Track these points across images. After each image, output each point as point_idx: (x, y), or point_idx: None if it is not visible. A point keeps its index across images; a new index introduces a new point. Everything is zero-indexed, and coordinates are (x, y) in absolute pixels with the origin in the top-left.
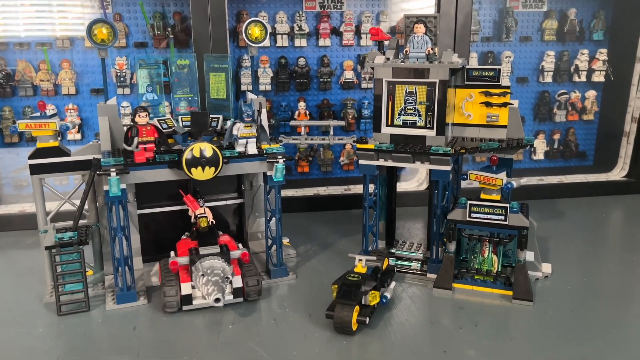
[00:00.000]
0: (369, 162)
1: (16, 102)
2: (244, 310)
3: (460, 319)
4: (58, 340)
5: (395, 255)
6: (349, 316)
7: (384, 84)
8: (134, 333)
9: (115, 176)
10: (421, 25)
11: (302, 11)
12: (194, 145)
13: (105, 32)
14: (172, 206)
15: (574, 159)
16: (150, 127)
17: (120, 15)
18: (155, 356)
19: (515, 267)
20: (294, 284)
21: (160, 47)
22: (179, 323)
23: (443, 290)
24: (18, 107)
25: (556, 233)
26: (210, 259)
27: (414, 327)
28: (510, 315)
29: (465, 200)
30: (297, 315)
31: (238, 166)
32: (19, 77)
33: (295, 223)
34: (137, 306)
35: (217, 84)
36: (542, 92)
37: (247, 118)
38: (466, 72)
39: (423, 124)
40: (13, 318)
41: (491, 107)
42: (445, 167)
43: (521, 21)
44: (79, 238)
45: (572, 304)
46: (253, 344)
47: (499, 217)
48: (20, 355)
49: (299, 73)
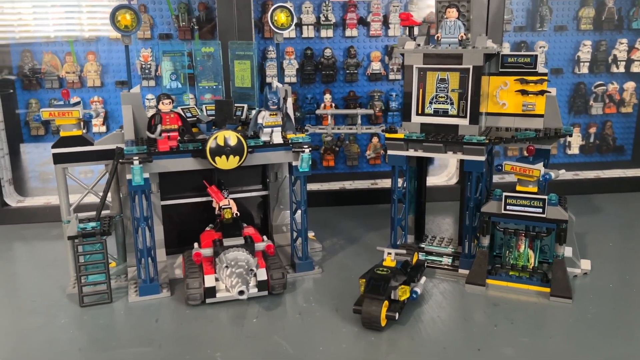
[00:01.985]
0: (398, 153)
1: (42, 94)
2: (268, 303)
3: (495, 316)
4: (80, 331)
5: (425, 250)
6: (377, 311)
7: (415, 70)
8: (156, 325)
9: (138, 165)
10: (453, 10)
11: (329, 1)
12: (218, 134)
13: (129, 19)
14: (196, 197)
15: (611, 154)
16: (174, 114)
17: (145, 6)
18: (177, 349)
19: (553, 263)
20: (319, 277)
21: (185, 38)
22: (203, 316)
23: (476, 287)
24: (44, 99)
25: (594, 229)
26: (235, 251)
27: (446, 323)
28: (548, 313)
29: (500, 192)
30: (323, 309)
31: (263, 156)
32: (45, 70)
33: (320, 217)
34: (160, 298)
35: (241, 72)
36: (577, 83)
37: (273, 106)
38: (501, 59)
39: (455, 112)
40: (36, 309)
41: (527, 96)
42: (479, 158)
43: (556, 10)
44: (101, 228)
45: (614, 302)
46: (278, 338)
47: (537, 210)
48: (42, 346)
49: (324, 64)
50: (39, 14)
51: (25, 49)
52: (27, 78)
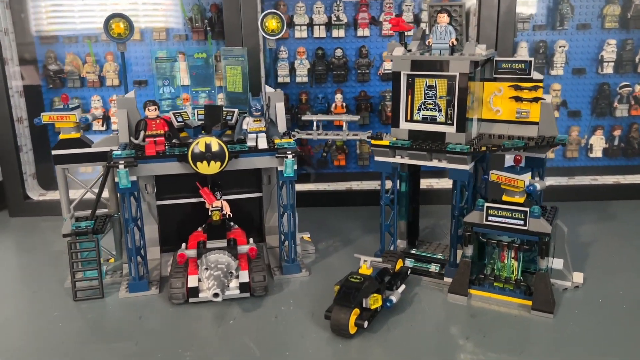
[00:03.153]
0: (385, 159)
1: (65, 92)
2: (249, 305)
3: (470, 327)
4: (69, 324)
5: (414, 256)
6: (345, 319)
7: (403, 77)
8: (138, 322)
9: (123, 169)
10: (444, 15)
11: (340, 1)
12: (199, 140)
13: (122, 27)
14: (192, 198)
15: (637, 157)
16: (160, 120)
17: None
18: (152, 345)
19: (535, 276)
20: (305, 280)
21: (198, 39)
22: (185, 314)
23: (458, 296)
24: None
25: (602, 238)
26: (217, 253)
27: (417, 333)
28: (525, 327)
29: (482, 202)
30: (299, 313)
31: (248, 161)
32: (67, 70)
33: (322, 218)
34: (148, 295)
35: (233, 77)
36: (601, 84)
37: (256, 112)
38: (495, 64)
39: (443, 119)
40: (35, 299)
41: (521, 102)
42: (463, 166)
43: (578, 7)
44: (94, 227)
45: (598, 319)
46: (248, 340)
47: (518, 222)
48: (29, 335)
49: (335, 64)
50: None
51: (49, 50)
52: (50, 78)
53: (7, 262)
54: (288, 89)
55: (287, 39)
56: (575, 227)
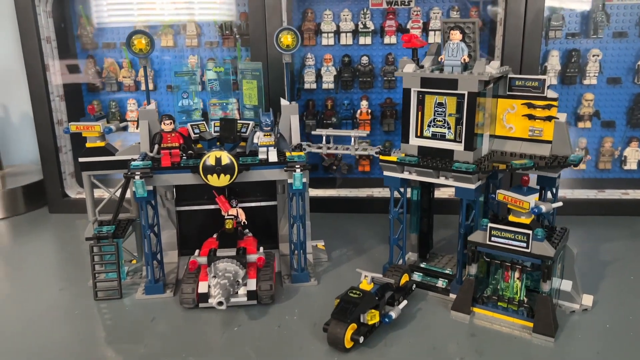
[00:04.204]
0: (393, 174)
1: (104, 96)
2: (255, 312)
3: (467, 347)
4: (85, 322)
5: (424, 270)
6: (341, 333)
7: (413, 93)
8: (150, 324)
9: (139, 179)
10: (457, 32)
11: (367, 9)
12: (210, 154)
13: (144, 43)
14: (210, 205)
15: None
16: (175, 134)
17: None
18: (158, 349)
19: (537, 299)
20: (313, 290)
21: (228, 46)
22: (194, 319)
23: (461, 314)
24: (105, 100)
25: (625, 257)
26: (226, 262)
27: (414, 350)
28: (523, 350)
29: (486, 221)
30: (301, 323)
31: (259, 173)
32: (105, 75)
33: (340, 224)
34: (163, 298)
35: (249, 91)
36: (637, 94)
37: (266, 127)
38: (508, 82)
39: (452, 137)
40: (61, 297)
41: (534, 120)
42: (469, 185)
43: (615, 15)
44: (115, 232)
45: (603, 345)
46: (249, 349)
47: (521, 244)
48: (47, 331)
49: (361, 71)
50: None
51: (89, 55)
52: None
53: (44, 256)
54: (314, 95)
55: (314, 46)
56: (600, 243)
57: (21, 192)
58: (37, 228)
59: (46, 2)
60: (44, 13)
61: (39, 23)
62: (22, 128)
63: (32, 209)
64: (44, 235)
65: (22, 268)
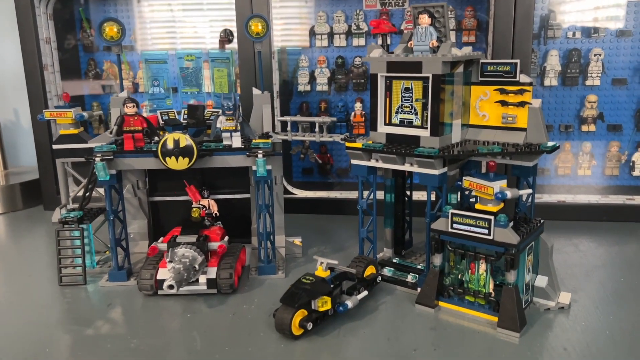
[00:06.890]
0: (360, 162)
1: (104, 98)
2: (214, 301)
3: (424, 340)
4: (47, 306)
5: (395, 265)
6: (288, 318)
7: (380, 79)
8: (106, 309)
9: (100, 161)
10: (425, 16)
11: (361, 10)
12: (168, 136)
13: (115, 30)
14: (183, 196)
15: None
16: (138, 117)
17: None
18: (106, 332)
19: (502, 291)
20: (279, 282)
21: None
22: (151, 305)
23: (425, 308)
24: (105, 101)
25: (617, 261)
26: (185, 248)
27: (367, 341)
28: (485, 345)
29: (449, 208)
30: (258, 312)
31: (222, 159)
32: (105, 76)
33: (326, 225)
34: (127, 285)
35: (220, 79)
36: None
37: (228, 111)
38: (480, 67)
39: (420, 123)
40: (29, 282)
41: (507, 107)
42: (432, 171)
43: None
44: (82, 218)
45: (571, 343)
46: (197, 333)
47: (482, 231)
48: (10, 314)
49: (355, 73)
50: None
51: (90, 58)
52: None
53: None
54: (308, 97)
55: (308, 48)
56: (598, 247)
57: (19, 189)
58: (34, 225)
59: (46, 5)
60: (44, 14)
61: (38, 24)
62: (31, 132)
63: (29, 205)
64: (39, 231)
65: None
